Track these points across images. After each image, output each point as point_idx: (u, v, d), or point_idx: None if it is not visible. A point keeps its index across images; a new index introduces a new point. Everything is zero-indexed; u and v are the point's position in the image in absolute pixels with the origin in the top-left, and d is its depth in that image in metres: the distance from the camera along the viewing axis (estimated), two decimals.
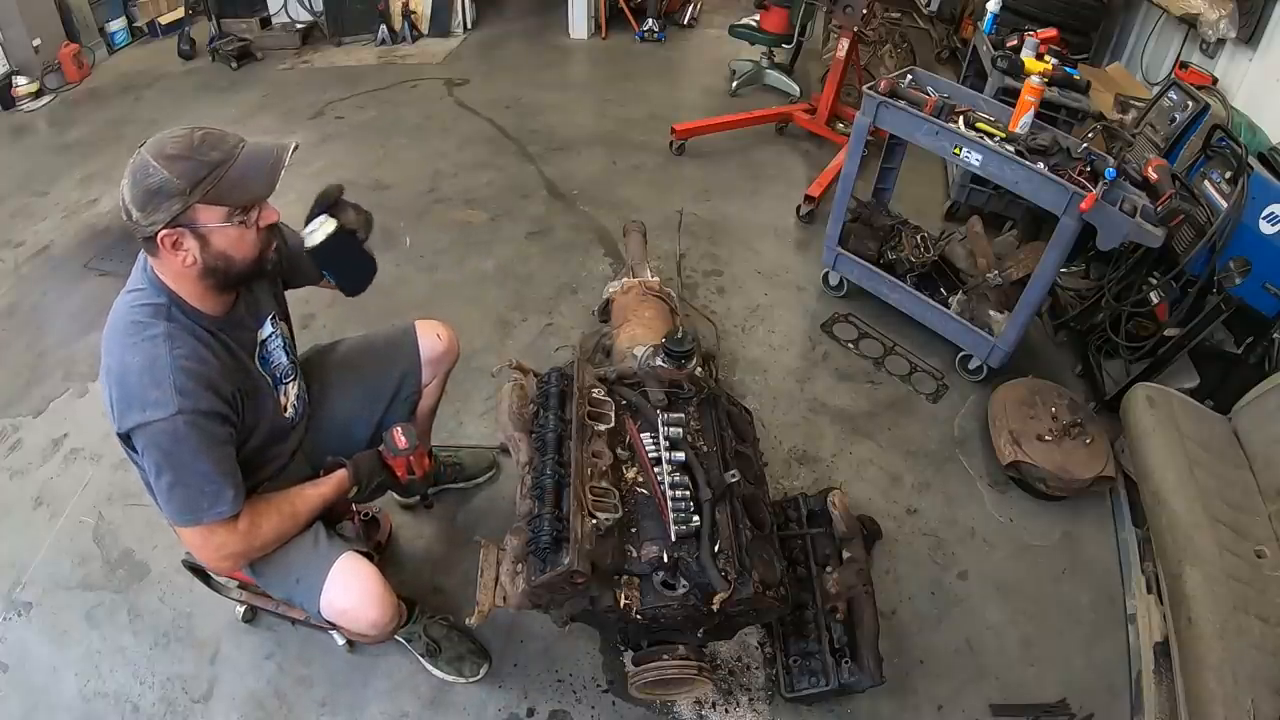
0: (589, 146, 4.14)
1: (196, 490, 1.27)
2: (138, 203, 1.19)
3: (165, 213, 1.19)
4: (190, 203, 1.20)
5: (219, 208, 1.23)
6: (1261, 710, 1.49)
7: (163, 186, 1.18)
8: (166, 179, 1.18)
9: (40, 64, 4.45)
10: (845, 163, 2.85)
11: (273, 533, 1.39)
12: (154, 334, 1.25)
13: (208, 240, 1.25)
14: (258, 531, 1.36)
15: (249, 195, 1.26)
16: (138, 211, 1.20)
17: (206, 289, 1.31)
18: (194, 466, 1.26)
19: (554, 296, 3.03)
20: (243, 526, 1.34)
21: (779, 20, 4.58)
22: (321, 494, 1.48)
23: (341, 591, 1.42)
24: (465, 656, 1.83)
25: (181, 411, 1.22)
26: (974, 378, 2.72)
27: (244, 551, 1.37)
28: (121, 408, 1.24)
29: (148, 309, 1.28)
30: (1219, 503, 1.89)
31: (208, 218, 1.23)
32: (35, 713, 1.77)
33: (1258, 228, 2.24)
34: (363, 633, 1.48)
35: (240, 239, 1.28)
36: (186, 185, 1.19)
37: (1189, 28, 3.50)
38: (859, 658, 1.68)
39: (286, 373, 1.56)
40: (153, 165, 1.18)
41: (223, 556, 1.36)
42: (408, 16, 5.38)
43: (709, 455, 1.62)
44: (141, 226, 1.21)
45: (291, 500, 1.44)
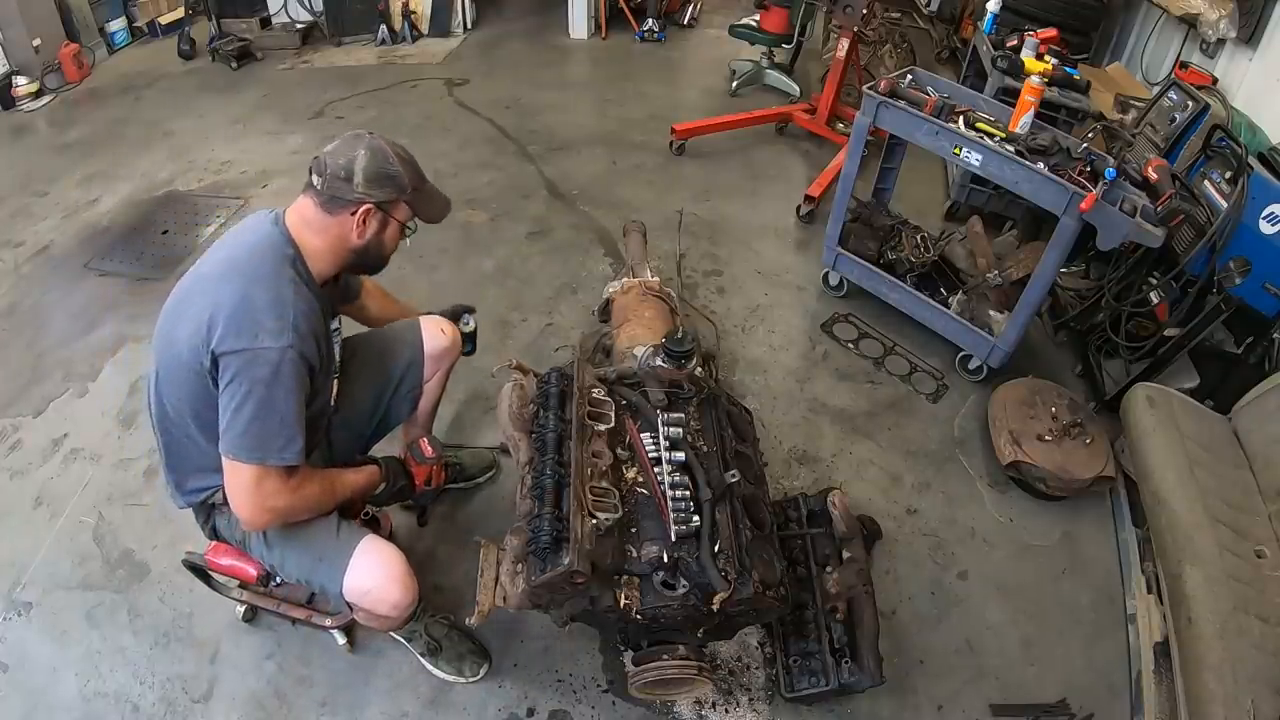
0: (589, 146, 4.14)
1: (274, 429, 1.32)
2: (370, 177, 1.40)
3: (385, 195, 1.42)
4: (404, 198, 1.46)
5: (409, 211, 1.49)
6: (1261, 710, 1.49)
7: (396, 177, 1.43)
8: (400, 173, 1.44)
9: (40, 64, 4.45)
10: (845, 163, 2.85)
11: (314, 499, 1.44)
12: (287, 277, 1.37)
13: (384, 228, 1.47)
14: (303, 492, 1.41)
15: (429, 215, 1.54)
16: (365, 183, 1.39)
17: (333, 261, 1.47)
18: (282, 405, 1.32)
19: (554, 296, 3.03)
20: (293, 483, 1.39)
21: (779, 20, 4.58)
22: (356, 481, 1.55)
23: (365, 572, 1.47)
24: (466, 656, 1.83)
25: (292, 347, 1.31)
26: (974, 378, 2.72)
27: (286, 508, 1.40)
28: (232, 328, 1.29)
29: (280, 255, 1.39)
30: (1219, 503, 1.89)
31: (399, 214, 1.48)
32: (35, 713, 1.77)
33: (1258, 228, 2.24)
34: (384, 615, 1.51)
35: (394, 241, 1.52)
36: (409, 185, 1.46)
37: (1189, 28, 3.50)
38: (859, 658, 1.68)
39: (335, 367, 1.64)
40: (391, 157, 1.43)
41: (267, 508, 1.37)
42: (408, 16, 5.38)
43: (709, 455, 1.62)
44: (357, 193, 1.39)
45: (332, 478, 1.50)
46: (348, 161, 1.40)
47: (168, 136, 4.15)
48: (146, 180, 3.75)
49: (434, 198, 1.55)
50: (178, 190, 3.68)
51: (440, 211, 1.56)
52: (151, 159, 3.94)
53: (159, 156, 3.96)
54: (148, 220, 3.46)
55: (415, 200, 1.49)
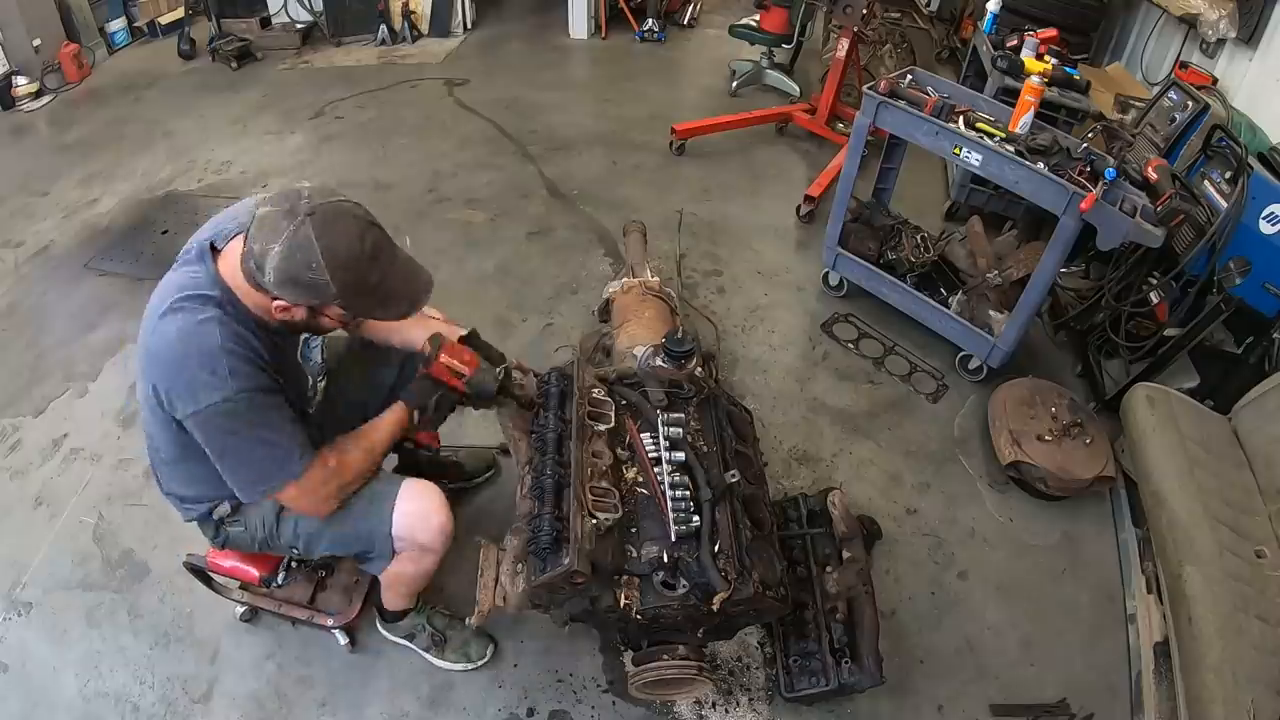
0: (589, 146, 4.14)
1: (267, 459, 1.32)
2: (280, 278, 1.19)
3: (299, 300, 1.23)
4: (328, 306, 1.26)
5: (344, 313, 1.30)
6: (1261, 710, 1.49)
7: (315, 285, 1.19)
8: (324, 283, 1.19)
9: (40, 64, 4.45)
10: (845, 163, 2.85)
11: (358, 466, 1.44)
12: (203, 318, 1.26)
13: (315, 317, 1.31)
14: (341, 472, 1.41)
15: (378, 318, 1.38)
16: (276, 285, 1.20)
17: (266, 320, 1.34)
18: (254, 442, 1.30)
19: (554, 296, 3.03)
20: (326, 472, 1.38)
21: (779, 20, 4.58)
22: (386, 424, 1.50)
23: (415, 501, 1.50)
24: (470, 641, 1.85)
25: (239, 391, 1.25)
26: (974, 378, 2.72)
27: (334, 492, 1.41)
28: (176, 393, 1.26)
29: (198, 297, 1.28)
30: (1219, 503, 1.89)
31: (331, 314, 1.30)
32: (35, 713, 1.77)
33: (1258, 228, 2.24)
34: (428, 543, 1.52)
35: (336, 324, 1.36)
36: (337, 294, 1.21)
37: (1189, 28, 3.50)
38: (859, 658, 1.68)
39: (318, 370, 1.64)
40: (318, 262, 1.17)
41: (321, 501, 1.40)
42: (408, 16, 5.38)
43: (709, 455, 1.62)
44: (265, 286, 1.22)
45: (366, 435, 1.48)
46: (261, 251, 1.18)
47: (168, 136, 4.15)
48: (146, 180, 3.75)
49: (392, 298, 1.29)
50: (178, 190, 3.68)
51: (403, 310, 1.33)
52: (151, 159, 3.94)
53: (159, 156, 3.96)
54: (148, 220, 3.46)
55: (353, 306, 1.25)
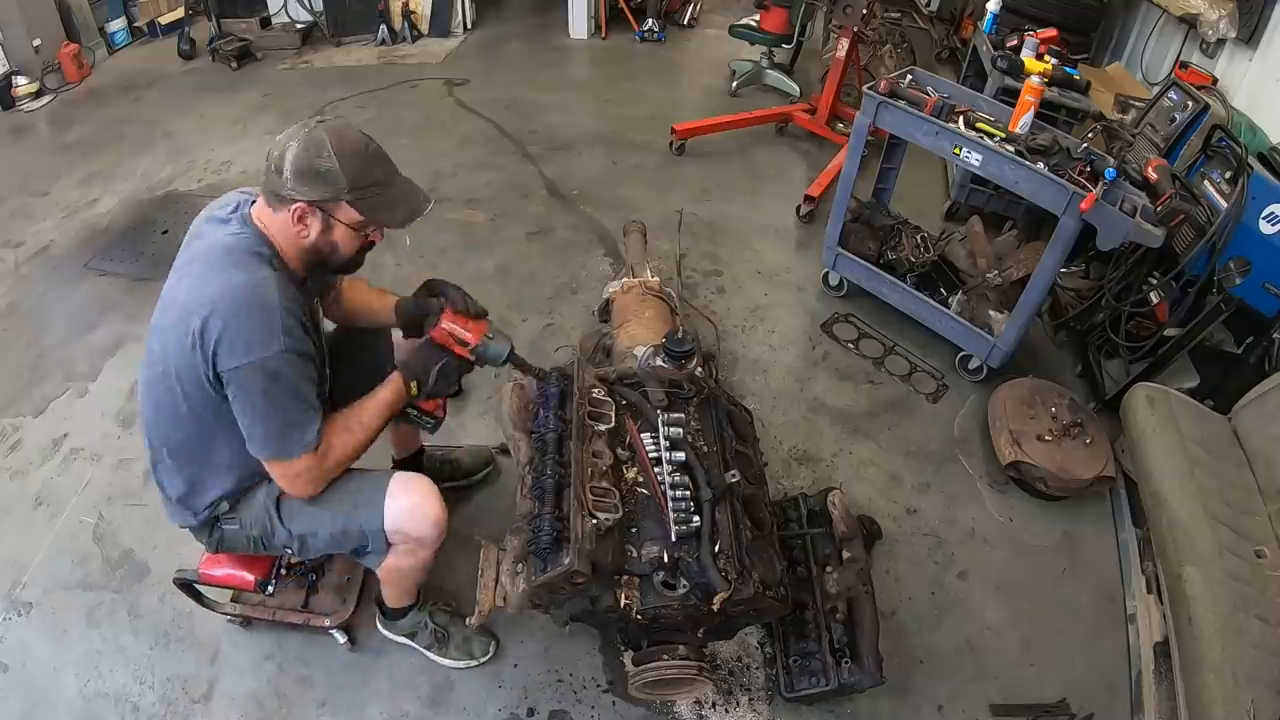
0: (589, 146, 4.14)
1: (288, 427, 1.34)
2: (297, 172, 1.28)
3: (316, 194, 1.30)
4: (341, 199, 1.31)
5: (355, 214, 1.34)
6: (1261, 710, 1.49)
7: (328, 174, 1.28)
8: (335, 170, 1.28)
9: (40, 64, 4.45)
10: (845, 163, 2.85)
11: (344, 448, 1.44)
12: (265, 275, 1.31)
13: (329, 229, 1.35)
14: (333, 454, 1.41)
15: (385, 220, 1.38)
16: (293, 178, 1.29)
17: (297, 260, 1.40)
18: (289, 404, 1.33)
19: (554, 296, 3.03)
20: (321, 449, 1.40)
21: (779, 20, 4.58)
22: (381, 399, 1.49)
23: (406, 495, 1.50)
24: (472, 639, 1.85)
25: (287, 350, 1.29)
26: (974, 378, 2.72)
27: (323, 474, 1.43)
28: (232, 347, 1.27)
29: (252, 255, 1.34)
30: (1219, 503, 1.89)
31: (343, 215, 1.34)
32: (35, 713, 1.77)
33: (1258, 228, 2.24)
34: (422, 535, 1.52)
35: (349, 241, 1.39)
36: (347, 184, 1.30)
37: (1189, 28, 3.51)
38: (859, 658, 1.68)
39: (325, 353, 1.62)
40: (328, 149, 1.28)
41: (313, 480, 1.42)
42: (408, 16, 5.38)
43: (709, 455, 1.62)
44: (285, 189, 1.29)
45: (355, 413, 1.47)
46: (280, 153, 1.30)
47: (168, 136, 4.15)
48: (146, 180, 3.75)
49: (395, 202, 1.37)
50: (177, 190, 3.68)
51: (401, 217, 1.39)
52: (151, 159, 3.94)
53: (159, 156, 3.96)
54: (147, 220, 3.45)
55: (362, 203, 1.32)
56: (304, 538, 1.54)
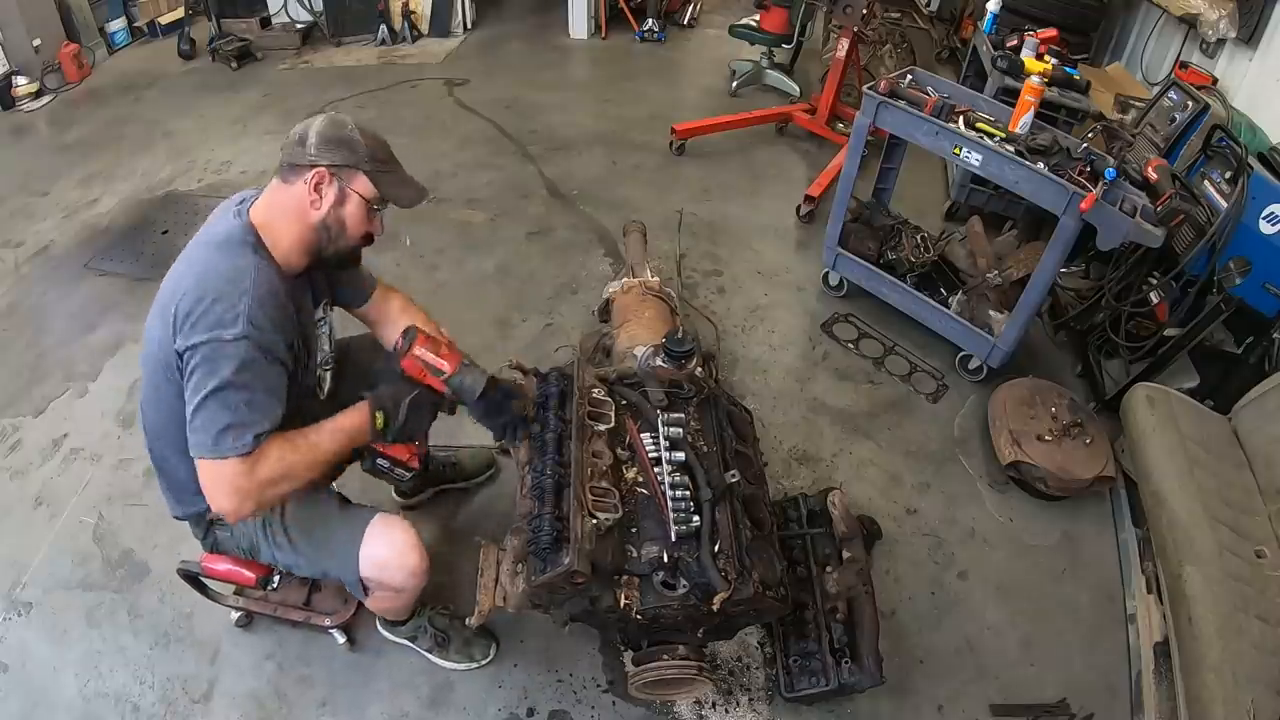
0: (589, 146, 4.14)
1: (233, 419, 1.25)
2: (321, 138, 1.35)
3: (337, 158, 1.35)
4: (360, 167, 1.37)
5: (370, 187, 1.39)
6: (1261, 710, 1.49)
7: (352, 143, 1.36)
8: (358, 141, 1.37)
9: (40, 64, 4.45)
10: (845, 163, 2.85)
11: (293, 467, 1.32)
12: (245, 263, 1.32)
13: (342, 201, 1.38)
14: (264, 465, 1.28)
15: (395, 198, 1.44)
16: (316, 144, 1.34)
17: (299, 244, 1.40)
18: (239, 395, 1.26)
19: (554, 296, 3.03)
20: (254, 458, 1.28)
21: (779, 20, 4.58)
22: (340, 424, 1.39)
23: (382, 544, 1.48)
24: (473, 641, 1.85)
25: (247, 337, 1.26)
26: (974, 378, 2.72)
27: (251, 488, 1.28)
28: (189, 322, 1.26)
29: (239, 241, 1.35)
30: (1219, 503, 1.89)
31: (358, 187, 1.39)
32: (35, 713, 1.77)
33: (1258, 228, 2.24)
34: (399, 586, 1.51)
35: (358, 220, 1.41)
36: (366, 155, 1.38)
37: (1189, 28, 3.50)
38: (859, 658, 1.68)
39: (326, 360, 1.61)
40: (350, 125, 1.38)
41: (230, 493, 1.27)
42: (408, 16, 5.38)
43: (709, 455, 1.62)
44: (308, 155, 1.34)
45: (305, 431, 1.37)
46: (304, 128, 1.37)
47: (168, 136, 4.15)
48: (146, 180, 3.75)
49: (405, 182, 1.46)
50: (178, 190, 3.68)
51: (410, 197, 1.46)
52: (151, 159, 3.94)
53: (159, 156, 3.96)
54: (147, 220, 3.45)
55: (377, 175, 1.39)
56: (288, 565, 1.55)
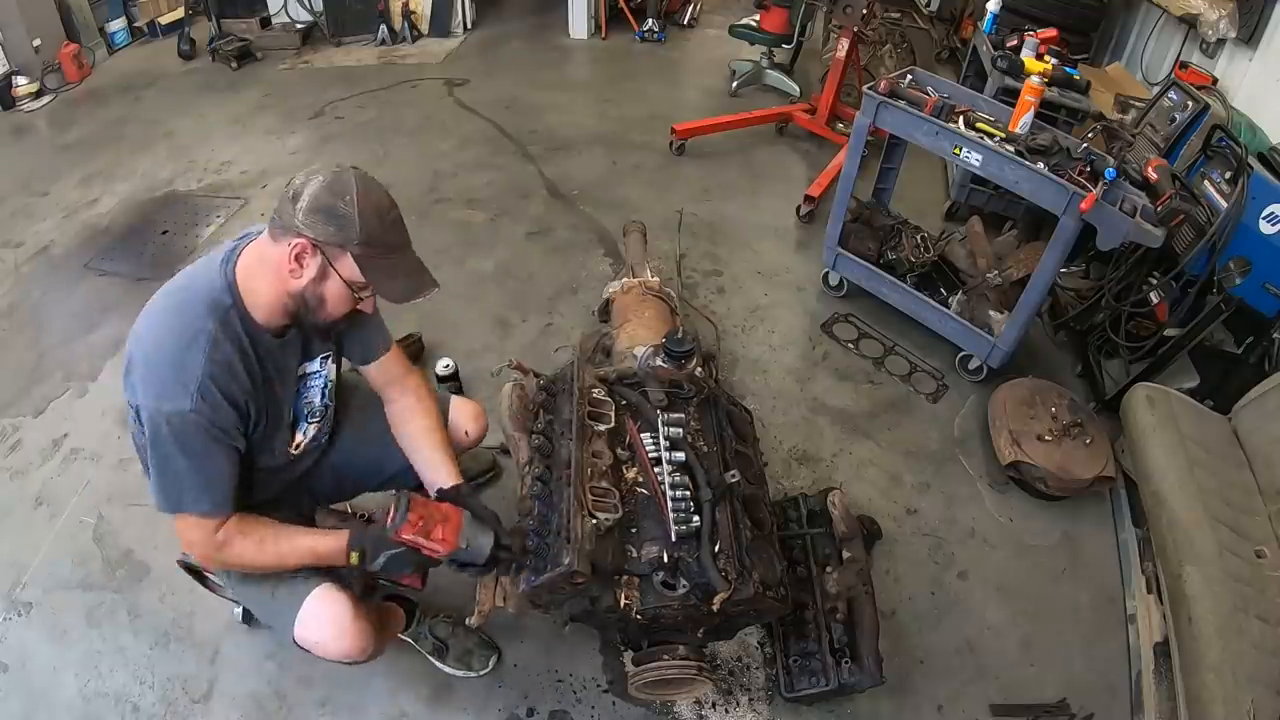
0: (589, 146, 4.14)
1: (181, 484, 1.28)
2: (313, 207, 1.21)
3: (323, 234, 1.22)
4: (348, 249, 1.24)
5: (356, 273, 1.27)
6: (1261, 710, 1.49)
7: (343, 220, 1.21)
8: (352, 219, 1.22)
9: (40, 64, 4.45)
10: (845, 163, 2.85)
11: (243, 558, 1.36)
12: (201, 329, 1.25)
13: (323, 278, 1.27)
14: (229, 550, 1.34)
15: (382, 289, 1.31)
16: (306, 212, 1.21)
17: (276, 308, 1.31)
18: (186, 464, 1.26)
19: (554, 296, 3.03)
20: (220, 537, 1.32)
21: (779, 20, 4.58)
22: (312, 546, 1.38)
23: (313, 623, 1.40)
24: (473, 650, 1.84)
25: (195, 411, 1.23)
26: (974, 378, 2.72)
27: (209, 557, 1.36)
28: (139, 380, 1.25)
29: (210, 302, 1.28)
30: (1219, 503, 1.89)
31: (343, 268, 1.26)
32: (35, 713, 1.77)
33: (1258, 228, 2.24)
34: (337, 660, 1.44)
35: (339, 300, 1.30)
36: (359, 237, 1.23)
37: (1189, 28, 3.50)
38: (859, 658, 1.68)
39: (315, 412, 1.53)
40: (352, 195, 1.22)
41: (195, 549, 1.36)
42: (408, 16, 5.38)
43: (709, 455, 1.62)
44: (295, 221, 1.22)
45: (278, 540, 1.37)
46: (302, 184, 1.23)
47: (168, 136, 4.15)
48: (146, 180, 3.75)
49: (403, 272, 1.31)
50: (178, 190, 3.68)
51: (407, 292, 1.31)
52: (151, 159, 3.94)
53: (159, 156, 3.96)
54: (148, 220, 3.46)
55: (367, 260, 1.25)
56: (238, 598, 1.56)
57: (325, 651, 1.41)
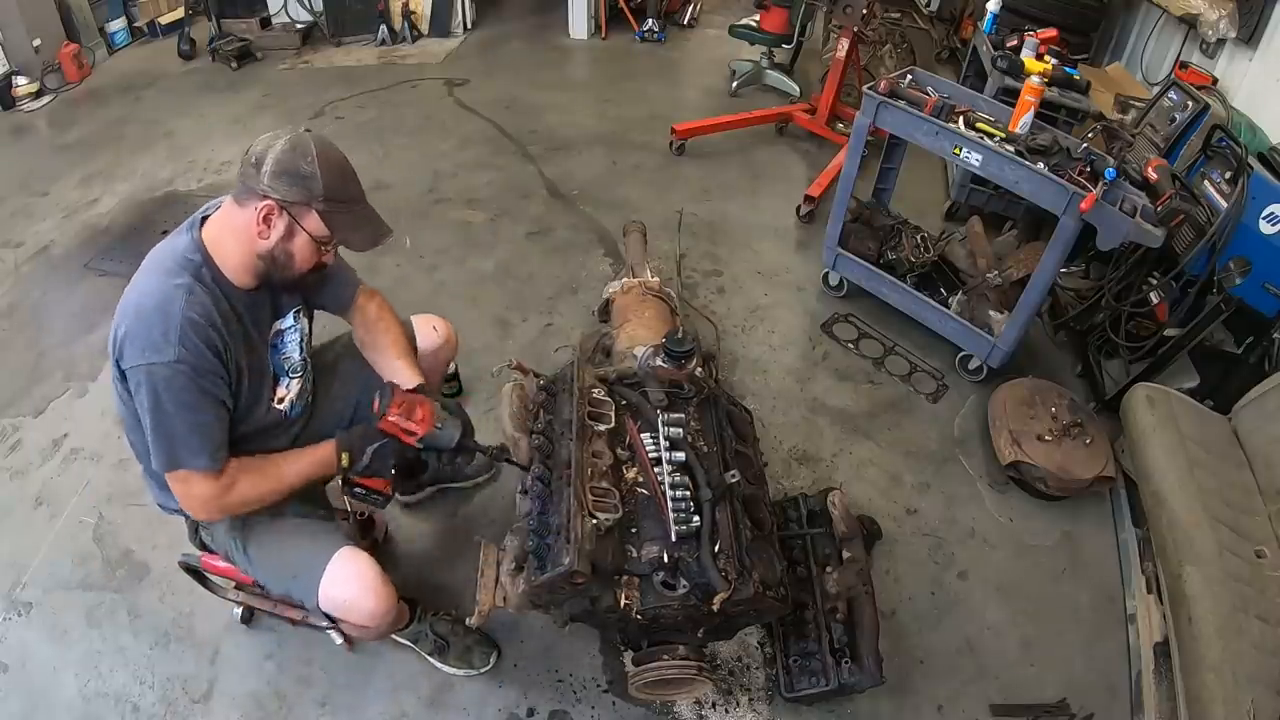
0: (589, 146, 4.14)
1: (179, 439, 1.31)
2: (277, 169, 1.28)
3: (289, 194, 1.30)
4: (313, 206, 1.32)
5: (322, 227, 1.35)
6: (1261, 710, 1.49)
7: (308, 179, 1.30)
8: (315, 177, 1.30)
9: (40, 64, 4.45)
10: (845, 163, 2.85)
11: (252, 491, 1.41)
12: (177, 283, 1.31)
13: (290, 236, 1.34)
14: (240, 487, 1.39)
15: (347, 239, 1.40)
16: (270, 175, 1.28)
17: (245, 268, 1.37)
18: (178, 416, 1.30)
19: (554, 296, 3.03)
20: (224, 481, 1.37)
21: (779, 20, 4.58)
22: (307, 459, 1.46)
23: (341, 583, 1.45)
24: (473, 648, 1.84)
25: (180, 361, 1.27)
26: (974, 378, 2.72)
27: (220, 506, 1.40)
28: (126, 343, 1.28)
29: (180, 260, 1.34)
30: (1219, 503, 1.89)
31: (309, 224, 1.34)
32: (35, 713, 1.77)
33: (1258, 228, 2.24)
34: (362, 624, 1.49)
35: (307, 254, 1.38)
36: (322, 193, 1.31)
37: (1189, 28, 3.51)
38: (859, 658, 1.68)
39: (295, 368, 1.58)
40: (312, 154, 1.30)
41: (200, 505, 1.39)
42: (408, 16, 5.38)
43: (709, 455, 1.62)
44: (260, 185, 1.29)
45: (276, 463, 1.45)
46: (263, 150, 1.30)
47: (168, 136, 4.15)
48: (146, 180, 3.75)
49: (363, 221, 1.40)
50: (178, 190, 3.68)
51: (369, 239, 1.41)
52: (151, 159, 3.94)
53: (159, 156, 3.96)
54: (148, 220, 3.45)
55: (331, 215, 1.33)
56: (256, 577, 1.55)
57: (355, 609, 1.45)
